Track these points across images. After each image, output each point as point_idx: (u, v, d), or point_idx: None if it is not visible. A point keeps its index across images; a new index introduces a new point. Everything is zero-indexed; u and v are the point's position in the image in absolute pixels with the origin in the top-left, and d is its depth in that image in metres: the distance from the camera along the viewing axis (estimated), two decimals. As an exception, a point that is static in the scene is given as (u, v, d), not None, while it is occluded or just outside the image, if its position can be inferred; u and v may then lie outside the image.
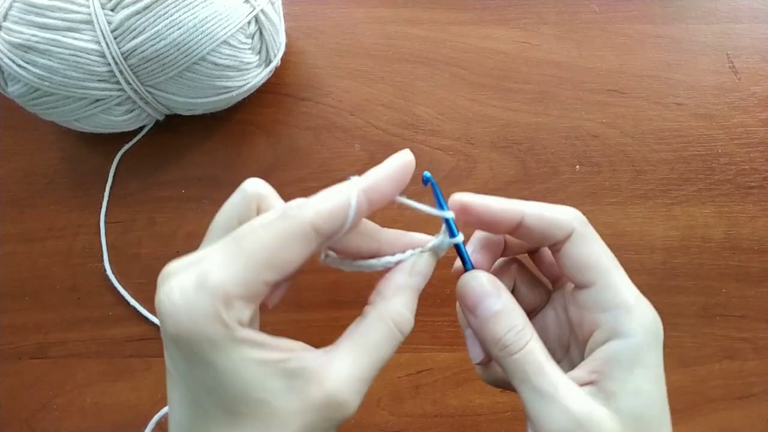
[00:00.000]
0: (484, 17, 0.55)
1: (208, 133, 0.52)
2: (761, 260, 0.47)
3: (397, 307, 0.24)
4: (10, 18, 0.41)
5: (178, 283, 0.20)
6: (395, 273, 0.25)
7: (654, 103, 0.52)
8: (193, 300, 0.20)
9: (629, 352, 0.24)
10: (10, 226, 0.50)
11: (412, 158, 0.24)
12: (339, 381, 0.21)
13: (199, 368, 0.20)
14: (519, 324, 0.25)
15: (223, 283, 0.20)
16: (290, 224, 0.21)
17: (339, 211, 0.22)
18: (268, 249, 0.21)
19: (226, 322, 0.20)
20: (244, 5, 0.43)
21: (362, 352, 0.22)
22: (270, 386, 0.21)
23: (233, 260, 0.20)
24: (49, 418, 0.45)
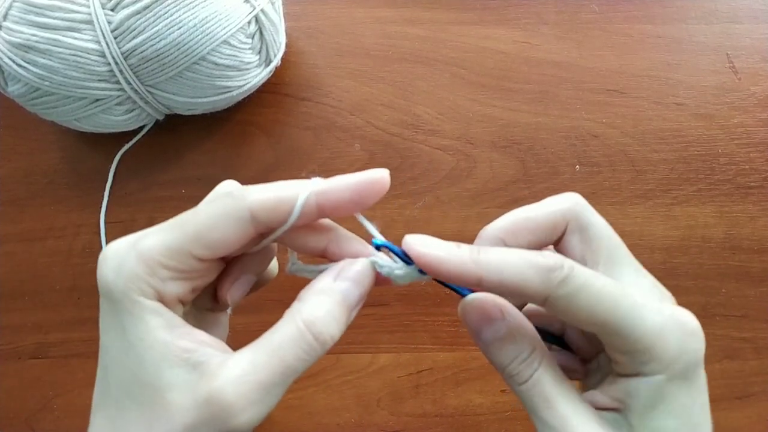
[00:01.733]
0: (484, 17, 0.55)
1: (208, 133, 0.52)
2: (761, 260, 0.47)
3: (312, 309, 0.21)
4: (10, 18, 0.41)
5: (117, 242, 0.22)
6: (319, 277, 0.23)
7: (654, 103, 0.52)
8: (121, 256, 0.21)
9: (651, 391, 0.22)
10: (10, 225, 0.50)
11: (383, 178, 0.22)
12: (227, 379, 0.19)
13: (114, 329, 0.21)
14: (525, 352, 0.23)
15: (150, 248, 0.21)
16: (229, 203, 0.21)
17: (282, 205, 0.21)
18: (202, 223, 0.21)
19: (142, 287, 0.20)
20: (244, 5, 0.43)
21: (263, 352, 0.20)
22: (166, 373, 0.20)
23: (167, 229, 0.21)
24: (49, 418, 0.45)
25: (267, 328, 0.22)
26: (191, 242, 0.21)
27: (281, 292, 0.47)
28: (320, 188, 0.22)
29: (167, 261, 0.21)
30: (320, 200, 0.22)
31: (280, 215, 0.21)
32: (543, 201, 0.25)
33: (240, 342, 0.23)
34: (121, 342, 0.21)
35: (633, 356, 0.21)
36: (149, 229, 0.22)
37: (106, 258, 0.21)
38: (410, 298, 0.47)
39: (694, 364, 0.22)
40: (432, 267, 0.21)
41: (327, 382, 0.45)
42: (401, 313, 0.46)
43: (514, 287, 0.21)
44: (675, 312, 0.22)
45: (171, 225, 0.21)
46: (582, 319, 0.21)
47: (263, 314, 0.46)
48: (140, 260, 0.20)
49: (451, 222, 0.48)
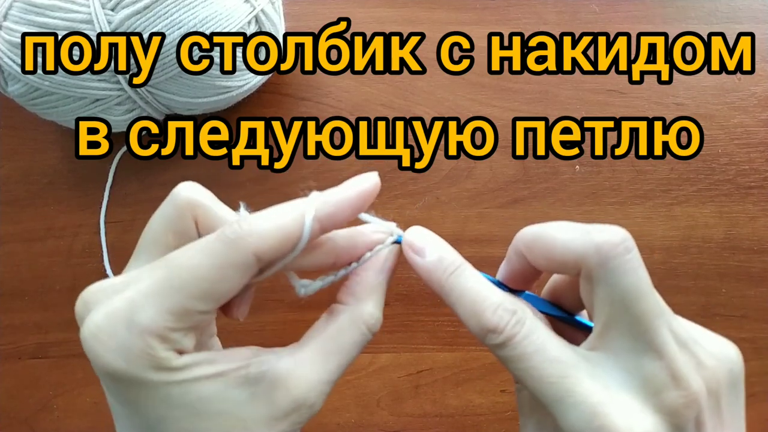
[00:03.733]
0: (484, 17, 0.55)
1: (208, 133, 0.51)
2: (761, 260, 0.47)
3: (371, 310, 0.23)
4: (10, 18, 0.41)
5: (105, 320, 0.19)
6: (367, 272, 0.24)
7: (654, 103, 0.51)
8: (122, 339, 0.18)
9: None
10: (10, 226, 0.50)
11: (376, 184, 0.23)
12: (308, 385, 0.20)
13: (143, 398, 0.19)
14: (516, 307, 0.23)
15: (153, 319, 0.18)
16: (230, 252, 0.19)
17: (287, 239, 0.20)
18: (204, 279, 0.19)
19: (162, 356, 0.19)
20: (244, 5, 0.43)
21: (332, 354, 0.21)
22: (230, 396, 0.19)
23: (164, 292, 0.19)
24: (49, 418, 0.45)
25: (267, 328, 0.22)
26: (195, 302, 0.19)
27: (281, 293, 0.47)
28: (323, 213, 0.21)
29: (175, 325, 0.19)
30: (323, 223, 0.21)
31: (285, 250, 0.20)
32: (583, 226, 0.22)
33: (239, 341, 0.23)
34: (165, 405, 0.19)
35: None
36: (135, 293, 0.19)
37: (102, 343, 0.18)
38: (410, 298, 0.47)
39: None
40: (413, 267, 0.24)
41: (327, 382, 0.45)
42: (401, 313, 0.46)
43: (462, 320, 0.22)
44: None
45: (164, 286, 0.19)
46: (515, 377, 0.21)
47: (263, 314, 0.46)
48: (148, 336, 0.18)
49: (451, 222, 0.48)
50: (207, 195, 0.22)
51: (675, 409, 0.20)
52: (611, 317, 0.21)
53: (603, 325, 0.21)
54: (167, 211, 0.22)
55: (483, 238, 0.48)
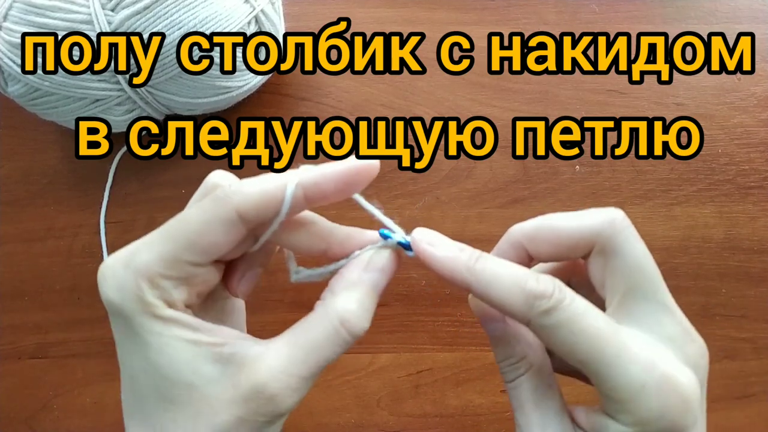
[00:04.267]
0: (484, 17, 0.55)
1: (208, 133, 0.52)
2: (761, 260, 0.47)
3: (345, 304, 0.22)
4: (10, 18, 0.41)
5: (111, 260, 0.21)
6: (348, 268, 0.23)
7: (654, 103, 0.51)
8: (119, 276, 0.21)
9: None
10: (10, 226, 0.50)
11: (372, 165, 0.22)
12: (269, 373, 0.20)
13: (134, 344, 0.21)
14: (514, 357, 0.24)
15: (146, 262, 0.20)
16: (215, 207, 0.21)
17: (269, 201, 0.21)
18: (192, 231, 0.21)
19: (149, 300, 0.20)
20: (244, 5, 0.43)
21: (300, 347, 0.21)
22: (201, 370, 0.20)
23: (158, 241, 0.21)
24: (49, 418, 0.45)
25: (267, 328, 0.22)
26: (184, 251, 0.21)
27: (281, 293, 0.47)
28: (307, 180, 0.22)
29: (165, 271, 0.21)
30: (308, 192, 0.22)
31: (268, 212, 0.21)
32: (581, 212, 0.23)
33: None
34: (146, 353, 0.21)
35: (607, 401, 0.21)
36: (139, 241, 0.21)
37: (105, 279, 0.21)
38: (410, 299, 0.47)
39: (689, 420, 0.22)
40: (430, 266, 0.22)
41: (327, 382, 0.45)
42: (401, 313, 0.46)
43: (498, 304, 0.21)
44: (672, 374, 0.21)
45: (160, 235, 0.21)
46: (562, 352, 0.21)
47: (263, 314, 0.46)
48: (139, 277, 0.20)
49: (451, 222, 0.48)
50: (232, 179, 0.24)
51: (696, 361, 0.23)
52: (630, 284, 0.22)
53: (622, 294, 0.22)
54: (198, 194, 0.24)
55: (483, 238, 0.48)
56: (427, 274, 0.47)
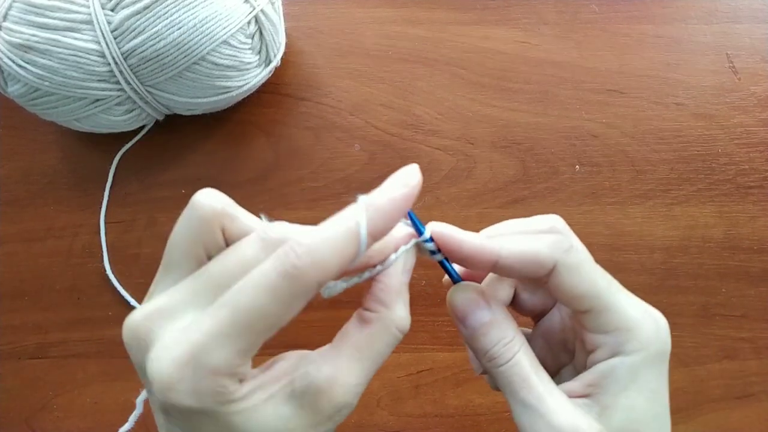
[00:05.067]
0: (484, 17, 0.55)
1: (208, 133, 0.52)
2: (761, 260, 0.47)
3: (401, 314, 0.23)
4: (10, 18, 0.41)
5: (171, 360, 0.19)
6: (391, 277, 0.24)
7: (654, 103, 0.51)
8: (195, 381, 0.19)
9: (627, 370, 0.23)
10: (10, 226, 0.50)
11: (419, 179, 0.22)
12: (348, 390, 0.21)
13: (209, 426, 0.20)
14: (508, 336, 0.24)
15: (226, 363, 0.19)
16: (294, 287, 0.19)
17: (347, 262, 0.20)
18: (270, 316, 0.19)
19: (231, 392, 0.19)
20: (244, 5, 0.43)
21: (368, 359, 0.22)
22: (281, 413, 0.21)
23: (233, 333, 0.19)
24: (49, 418, 0.45)
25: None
26: (263, 336, 0.19)
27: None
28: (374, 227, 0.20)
29: (244, 362, 0.19)
30: (375, 234, 0.20)
31: (342, 271, 0.20)
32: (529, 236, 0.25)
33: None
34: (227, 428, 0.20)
35: (616, 335, 0.24)
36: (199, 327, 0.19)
37: (172, 387, 0.19)
38: (410, 299, 0.47)
39: (664, 354, 0.25)
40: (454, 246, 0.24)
41: (327, 382, 0.45)
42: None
43: (529, 257, 0.23)
44: (650, 308, 0.25)
45: (234, 327, 0.19)
46: (580, 291, 0.23)
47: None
48: (219, 378, 0.19)
49: (451, 222, 0.48)
50: (230, 203, 0.22)
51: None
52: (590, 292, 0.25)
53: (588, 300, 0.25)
54: (193, 224, 0.22)
55: (483, 238, 0.48)
56: (427, 273, 0.47)
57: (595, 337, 0.24)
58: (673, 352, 0.48)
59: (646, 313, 0.24)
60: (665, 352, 0.24)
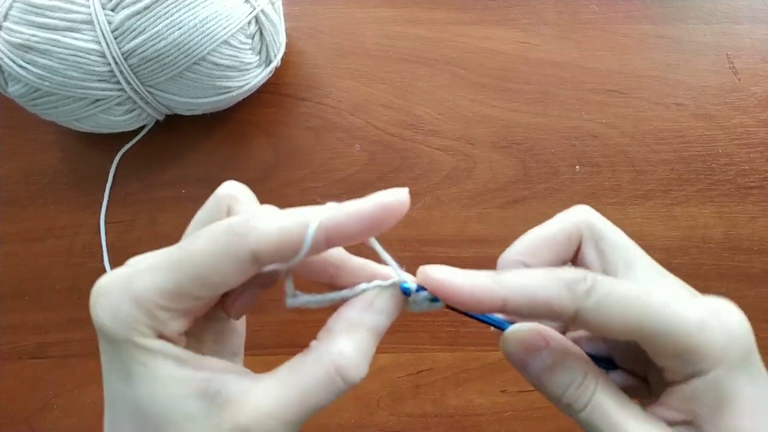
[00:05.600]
0: (484, 17, 0.55)
1: (208, 133, 0.52)
2: (761, 260, 0.47)
3: (343, 348, 0.20)
4: (10, 18, 0.41)
5: (108, 280, 0.20)
6: (349, 306, 0.21)
7: (654, 103, 0.52)
8: (115, 300, 0.19)
9: (713, 390, 0.20)
10: (10, 225, 0.50)
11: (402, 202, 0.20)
12: (255, 415, 0.19)
13: (118, 371, 0.20)
14: (578, 377, 0.21)
15: (146, 291, 0.19)
16: (229, 243, 0.19)
17: (287, 243, 0.19)
18: (200, 264, 0.19)
19: (142, 330, 0.19)
20: (244, 5, 0.43)
21: (291, 390, 0.20)
22: (182, 407, 0.19)
23: (162, 268, 0.19)
24: (49, 418, 0.45)
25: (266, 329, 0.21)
26: (189, 284, 0.19)
27: (280, 293, 0.47)
28: (330, 223, 0.19)
29: (164, 303, 0.19)
30: (330, 234, 0.19)
31: (284, 254, 0.19)
32: (554, 218, 0.25)
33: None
34: (129, 383, 0.19)
35: (682, 358, 0.20)
36: (140, 264, 0.20)
37: (99, 298, 0.20)
38: (410, 298, 0.47)
39: (748, 351, 0.21)
40: (452, 296, 0.21)
41: (327, 382, 0.45)
42: (401, 313, 0.46)
43: (541, 304, 0.20)
44: (711, 302, 0.22)
45: (166, 263, 0.19)
46: (616, 328, 0.20)
47: (262, 314, 0.46)
48: (136, 304, 0.19)
49: (451, 222, 0.48)
50: (243, 191, 0.23)
51: None
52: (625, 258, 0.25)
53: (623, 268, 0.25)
54: (209, 205, 0.22)
55: (483, 239, 0.48)
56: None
57: (659, 362, 0.21)
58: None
59: (710, 312, 0.21)
60: (749, 349, 0.21)
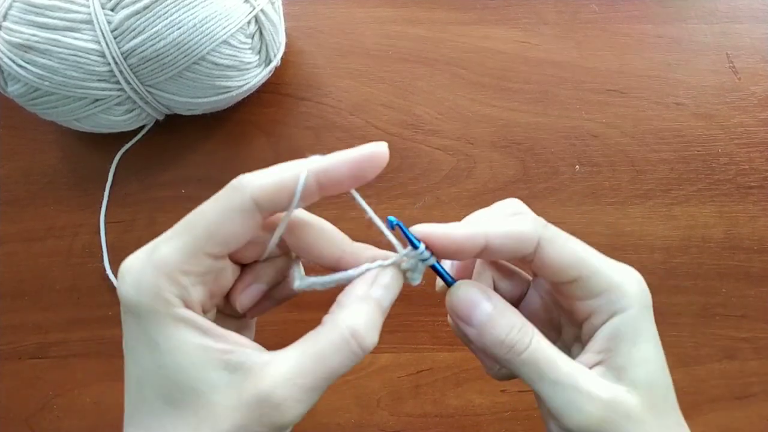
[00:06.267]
0: (484, 17, 0.55)
1: (208, 133, 0.52)
2: (761, 260, 0.47)
3: (355, 317, 0.22)
4: (10, 18, 0.41)
5: (133, 256, 0.21)
6: (356, 283, 0.24)
7: (654, 103, 0.51)
8: (139, 271, 0.21)
9: (630, 325, 0.24)
10: (10, 225, 0.50)
11: (382, 151, 0.22)
12: (275, 381, 0.20)
13: (144, 344, 0.21)
14: (518, 322, 0.24)
15: (166, 256, 0.21)
16: (231, 197, 0.21)
17: (283, 188, 0.21)
18: (210, 221, 0.21)
19: (167, 298, 0.20)
20: (244, 5, 0.43)
21: (308, 357, 0.21)
22: (207, 376, 0.20)
23: (177, 234, 0.21)
24: (49, 418, 0.45)
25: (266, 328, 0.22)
26: (203, 242, 0.21)
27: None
28: (319, 167, 0.22)
29: (184, 266, 0.21)
30: (320, 179, 0.22)
31: (282, 199, 0.22)
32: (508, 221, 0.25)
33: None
34: (154, 353, 0.20)
35: (608, 295, 0.24)
36: (159, 238, 0.22)
37: (124, 275, 0.21)
38: (410, 298, 0.47)
39: (650, 305, 0.25)
40: (441, 241, 0.24)
41: (327, 382, 0.45)
42: (401, 313, 0.46)
43: (516, 237, 0.24)
44: (624, 265, 0.25)
45: (180, 229, 0.21)
46: (566, 261, 0.24)
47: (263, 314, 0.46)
48: (159, 272, 0.20)
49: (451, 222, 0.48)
50: None
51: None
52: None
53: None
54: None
55: (483, 238, 0.48)
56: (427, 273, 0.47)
57: (587, 304, 0.25)
58: (673, 352, 0.48)
59: (625, 271, 0.25)
60: (650, 304, 0.25)
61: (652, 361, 0.24)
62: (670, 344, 0.47)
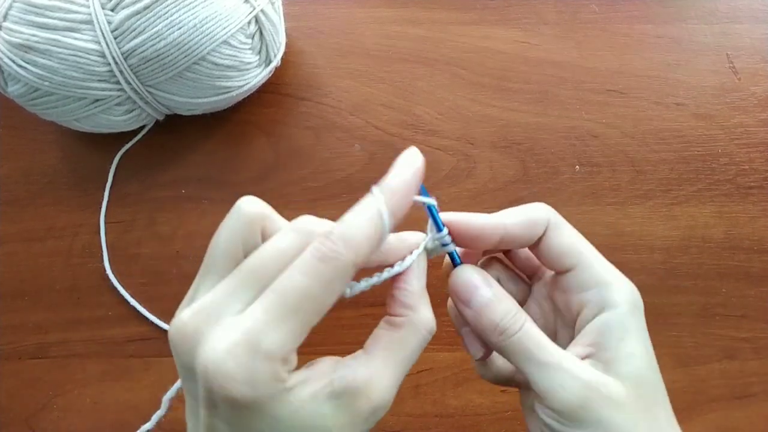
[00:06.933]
0: (484, 17, 0.55)
1: (208, 133, 0.52)
2: (761, 260, 0.47)
3: (427, 315, 0.24)
4: (10, 18, 0.41)
5: (227, 353, 0.19)
6: (412, 281, 0.25)
7: (654, 103, 0.52)
8: (250, 367, 0.19)
9: (619, 321, 0.25)
10: (10, 225, 0.50)
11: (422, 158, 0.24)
12: (384, 391, 0.22)
13: (256, 421, 0.20)
14: (513, 308, 0.26)
15: (281, 346, 0.20)
16: (333, 268, 0.20)
17: (376, 243, 0.21)
18: (315, 299, 0.20)
19: (282, 377, 0.20)
20: (244, 5, 0.43)
21: (401, 362, 0.23)
22: (321, 412, 0.21)
23: (282, 318, 0.20)
24: (49, 418, 0.45)
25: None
26: (311, 319, 0.20)
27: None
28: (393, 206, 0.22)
29: (296, 346, 0.21)
30: (396, 215, 0.22)
31: (375, 251, 0.22)
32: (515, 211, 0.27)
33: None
34: (274, 424, 0.20)
35: (600, 289, 0.25)
36: (251, 315, 0.20)
37: (227, 374, 0.19)
38: (410, 298, 0.47)
39: (642, 309, 0.26)
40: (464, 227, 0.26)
41: (327, 382, 0.45)
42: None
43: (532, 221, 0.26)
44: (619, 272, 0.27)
45: (279, 310, 0.20)
46: (567, 247, 0.26)
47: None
48: (274, 360, 0.20)
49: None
50: (267, 206, 0.24)
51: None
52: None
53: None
54: (236, 224, 0.23)
55: (483, 238, 0.48)
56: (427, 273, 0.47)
57: (580, 297, 0.26)
58: (673, 352, 0.48)
59: (619, 275, 0.26)
60: (641, 307, 0.26)
61: (639, 357, 0.25)
62: (670, 344, 0.47)
